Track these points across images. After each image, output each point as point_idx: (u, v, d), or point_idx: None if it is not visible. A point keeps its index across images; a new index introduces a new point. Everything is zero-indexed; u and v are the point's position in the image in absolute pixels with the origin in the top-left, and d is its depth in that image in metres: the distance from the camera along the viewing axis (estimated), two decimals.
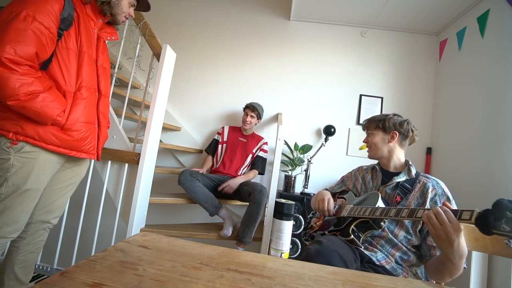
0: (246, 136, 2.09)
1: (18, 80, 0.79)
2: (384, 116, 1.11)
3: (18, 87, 0.79)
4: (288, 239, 0.81)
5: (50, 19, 0.85)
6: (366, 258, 0.91)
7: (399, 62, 2.34)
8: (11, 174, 0.86)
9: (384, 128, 1.08)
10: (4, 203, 0.87)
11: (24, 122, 0.86)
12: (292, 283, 0.45)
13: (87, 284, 0.37)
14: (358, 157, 2.23)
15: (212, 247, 0.58)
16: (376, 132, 1.11)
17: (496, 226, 0.55)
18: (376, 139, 1.10)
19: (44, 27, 0.84)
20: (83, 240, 1.51)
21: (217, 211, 1.68)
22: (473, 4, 1.89)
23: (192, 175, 1.70)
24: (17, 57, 0.78)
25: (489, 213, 0.58)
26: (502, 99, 1.56)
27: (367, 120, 1.18)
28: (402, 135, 1.08)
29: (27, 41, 0.80)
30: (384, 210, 0.84)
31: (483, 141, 1.65)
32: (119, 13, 1.09)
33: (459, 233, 0.68)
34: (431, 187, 0.95)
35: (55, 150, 0.92)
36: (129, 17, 1.14)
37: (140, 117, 1.61)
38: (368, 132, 1.16)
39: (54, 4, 0.86)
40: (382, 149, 1.09)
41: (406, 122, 1.09)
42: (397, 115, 1.12)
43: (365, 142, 1.17)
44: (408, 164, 1.06)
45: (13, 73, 0.78)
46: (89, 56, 1.00)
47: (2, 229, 0.88)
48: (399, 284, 0.50)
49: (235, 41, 2.47)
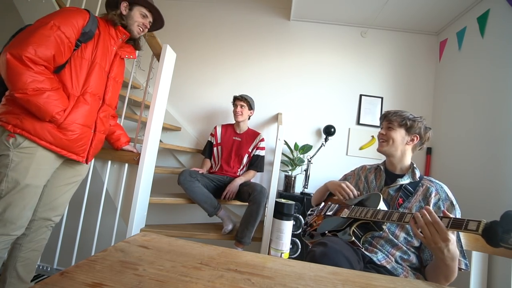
0: (240, 134, 2.00)
1: (31, 76, 0.88)
2: (414, 116, 1.06)
3: (28, 82, 0.88)
4: (288, 239, 0.81)
5: (72, 31, 0.98)
6: (367, 258, 0.91)
7: (399, 62, 2.34)
8: (10, 169, 0.91)
9: (410, 128, 1.04)
10: (5, 200, 0.91)
11: (24, 116, 0.93)
12: (292, 283, 0.45)
13: (87, 284, 0.37)
14: (358, 157, 2.23)
15: (212, 247, 0.58)
16: (398, 129, 1.05)
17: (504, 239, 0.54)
18: (396, 135, 1.05)
19: (65, 36, 0.96)
20: (83, 240, 1.51)
21: (216, 212, 1.67)
22: (473, 4, 1.89)
23: (192, 176, 1.69)
24: (36, 57, 0.89)
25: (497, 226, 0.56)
26: (502, 99, 1.56)
27: (394, 112, 1.09)
28: (420, 141, 1.06)
29: (48, 45, 0.91)
30: (387, 214, 0.83)
31: (483, 141, 1.65)
32: (131, 23, 1.16)
33: (447, 242, 0.68)
34: (435, 191, 0.95)
35: (47, 147, 0.97)
36: (143, 27, 1.20)
37: (140, 117, 1.61)
38: (388, 126, 1.08)
39: (79, 19, 1.00)
40: (398, 147, 1.05)
41: (430, 131, 1.07)
42: (424, 119, 1.08)
43: (380, 134, 1.10)
44: (412, 166, 1.05)
45: (28, 70, 0.88)
46: (100, 67, 1.10)
47: (5, 227, 0.92)
48: (399, 284, 0.50)
49: (235, 41, 2.47)
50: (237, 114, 1.94)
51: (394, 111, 1.09)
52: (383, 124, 1.12)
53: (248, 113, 1.99)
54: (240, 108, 1.94)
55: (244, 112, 1.95)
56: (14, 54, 0.86)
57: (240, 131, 2.01)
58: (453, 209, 0.90)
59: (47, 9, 1.69)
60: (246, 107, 1.96)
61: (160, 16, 1.24)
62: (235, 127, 2.04)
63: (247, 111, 1.97)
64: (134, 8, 1.16)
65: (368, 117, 2.29)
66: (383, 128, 1.11)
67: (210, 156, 2.02)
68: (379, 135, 1.12)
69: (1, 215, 0.91)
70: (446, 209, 0.90)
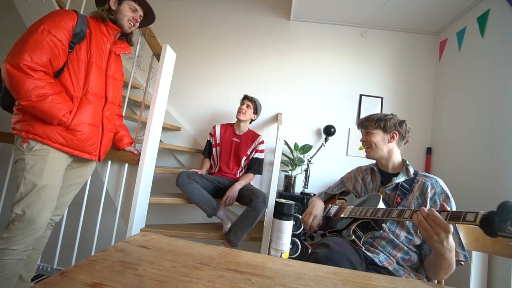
0: (239, 135, 1.96)
1: (32, 83, 0.91)
2: (384, 115, 1.10)
3: (31, 89, 0.91)
4: (288, 239, 0.81)
5: (63, 33, 0.98)
6: (368, 259, 0.91)
7: (399, 62, 2.34)
8: (27, 172, 0.96)
9: (385, 127, 1.07)
10: (25, 202, 0.95)
11: (35, 122, 0.97)
12: (292, 283, 0.45)
13: (87, 284, 0.37)
14: (358, 157, 2.23)
15: (212, 247, 0.58)
16: (376, 132, 1.09)
17: (501, 228, 0.55)
18: (376, 138, 1.08)
19: (57, 40, 0.97)
20: (83, 240, 1.51)
21: (215, 212, 1.67)
22: (473, 4, 1.89)
23: (190, 177, 1.68)
24: (33, 63, 0.91)
25: (494, 215, 0.57)
26: (502, 99, 1.56)
27: (365, 118, 1.14)
28: (400, 136, 1.08)
29: (42, 51, 0.93)
30: (386, 212, 0.84)
31: (483, 141, 1.65)
32: (121, 18, 1.15)
33: (448, 233, 0.71)
34: (430, 186, 0.95)
35: (60, 149, 1.01)
36: (134, 21, 1.19)
37: (140, 117, 1.61)
38: (366, 131, 1.12)
39: (68, 21, 1.01)
40: (382, 149, 1.08)
41: (405, 123, 1.10)
42: (395, 115, 1.11)
43: (362, 141, 1.14)
44: (405, 163, 1.06)
45: (28, 77, 0.90)
46: (97, 66, 1.10)
47: (26, 228, 0.96)
48: (399, 284, 0.50)
49: (235, 41, 2.47)
50: (241, 111, 1.90)
51: (365, 118, 1.15)
52: (362, 132, 1.16)
53: (251, 115, 1.95)
54: (245, 107, 1.91)
55: (247, 113, 1.92)
56: (12, 63, 0.89)
57: (240, 132, 1.98)
58: (448, 202, 0.91)
59: (47, 9, 1.68)
60: (252, 108, 1.93)
61: (150, 10, 1.23)
62: (235, 128, 2.00)
63: (251, 113, 1.94)
64: (123, 2, 1.15)
65: None
66: (363, 135, 1.15)
67: (210, 157, 2.00)
68: (362, 143, 1.15)
69: (22, 217, 0.94)
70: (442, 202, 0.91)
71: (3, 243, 0.94)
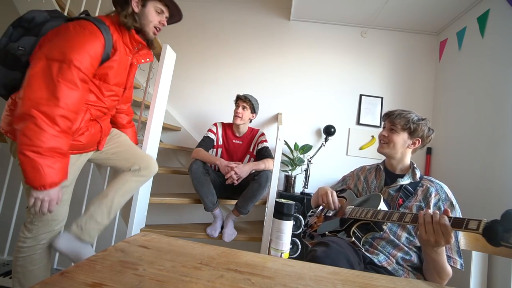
0: (240, 137, 1.87)
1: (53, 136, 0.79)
2: (418, 119, 1.02)
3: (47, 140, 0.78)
4: (288, 239, 0.81)
5: (91, 65, 0.86)
6: (367, 259, 0.91)
7: (399, 62, 2.34)
8: None
9: (412, 132, 1.01)
10: None
11: None
12: (292, 283, 0.45)
13: (87, 284, 0.37)
14: (358, 157, 2.23)
15: (212, 247, 0.58)
16: (401, 133, 1.02)
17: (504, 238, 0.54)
18: (398, 139, 1.02)
19: (88, 78, 0.87)
20: None
21: (214, 208, 1.67)
22: (473, 4, 1.89)
23: (205, 168, 1.65)
24: (67, 111, 0.80)
25: (498, 224, 0.56)
26: (502, 99, 1.56)
27: (399, 114, 1.04)
28: (421, 145, 1.04)
29: (75, 95, 0.82)
30: (387, 214, 0.83)
31: (483, 141, 1.65)
32: (146, 24, 1.00)
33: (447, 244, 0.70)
34: (435, 191, 0.94)
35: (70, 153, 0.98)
36: (160, 26, 1.04)
37: (140, 117, 1.61)
38: (391, 128, 1.04)
39: (97, 47, 0.87)
40: (399, 151, 1.03)
41: (433, 134, 1.04)
42: (428, 121, 1.04)
43: (382, 135, 1.07)
44: (413, 166, 1.04)
45: (53, 127, 0.78)
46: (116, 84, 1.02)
47: (48, 223, 0.98)
48: (399, 284, 0.50)
49: (235, 41, 2.47)
50: (237, 116, 1.77)
51: (398, 112, 1.04)
52: (385, 124, 1.08)
53: (249, 116, 1.82)
54: (241, 110, 1.77)
55: (244, 115, 1.78)
56: (46, 112, 0.76)
57: (240, 134, 1.88)
58: (453, 209, 0.90)
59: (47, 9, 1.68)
60: (249, 109, 1.79)
61: (178, 10, 1.09)
62: (234, 130, 1.89)
63: (249, 114, 1.81)
64: (148, 3, 0.98)
65: (368, 117, 2.29)
66: (385, 128, 1.08)
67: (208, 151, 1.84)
68: (380, 136, 1.08)
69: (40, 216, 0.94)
70: None
71: (31, 242, 0.96)
